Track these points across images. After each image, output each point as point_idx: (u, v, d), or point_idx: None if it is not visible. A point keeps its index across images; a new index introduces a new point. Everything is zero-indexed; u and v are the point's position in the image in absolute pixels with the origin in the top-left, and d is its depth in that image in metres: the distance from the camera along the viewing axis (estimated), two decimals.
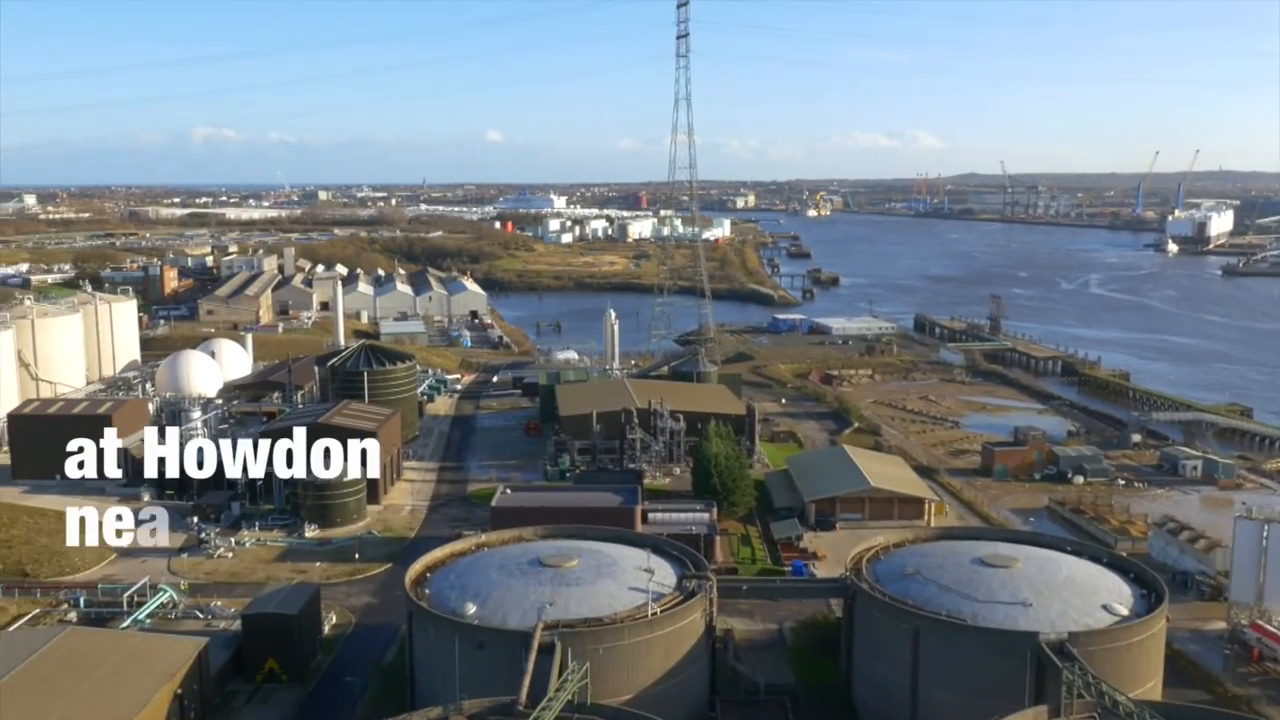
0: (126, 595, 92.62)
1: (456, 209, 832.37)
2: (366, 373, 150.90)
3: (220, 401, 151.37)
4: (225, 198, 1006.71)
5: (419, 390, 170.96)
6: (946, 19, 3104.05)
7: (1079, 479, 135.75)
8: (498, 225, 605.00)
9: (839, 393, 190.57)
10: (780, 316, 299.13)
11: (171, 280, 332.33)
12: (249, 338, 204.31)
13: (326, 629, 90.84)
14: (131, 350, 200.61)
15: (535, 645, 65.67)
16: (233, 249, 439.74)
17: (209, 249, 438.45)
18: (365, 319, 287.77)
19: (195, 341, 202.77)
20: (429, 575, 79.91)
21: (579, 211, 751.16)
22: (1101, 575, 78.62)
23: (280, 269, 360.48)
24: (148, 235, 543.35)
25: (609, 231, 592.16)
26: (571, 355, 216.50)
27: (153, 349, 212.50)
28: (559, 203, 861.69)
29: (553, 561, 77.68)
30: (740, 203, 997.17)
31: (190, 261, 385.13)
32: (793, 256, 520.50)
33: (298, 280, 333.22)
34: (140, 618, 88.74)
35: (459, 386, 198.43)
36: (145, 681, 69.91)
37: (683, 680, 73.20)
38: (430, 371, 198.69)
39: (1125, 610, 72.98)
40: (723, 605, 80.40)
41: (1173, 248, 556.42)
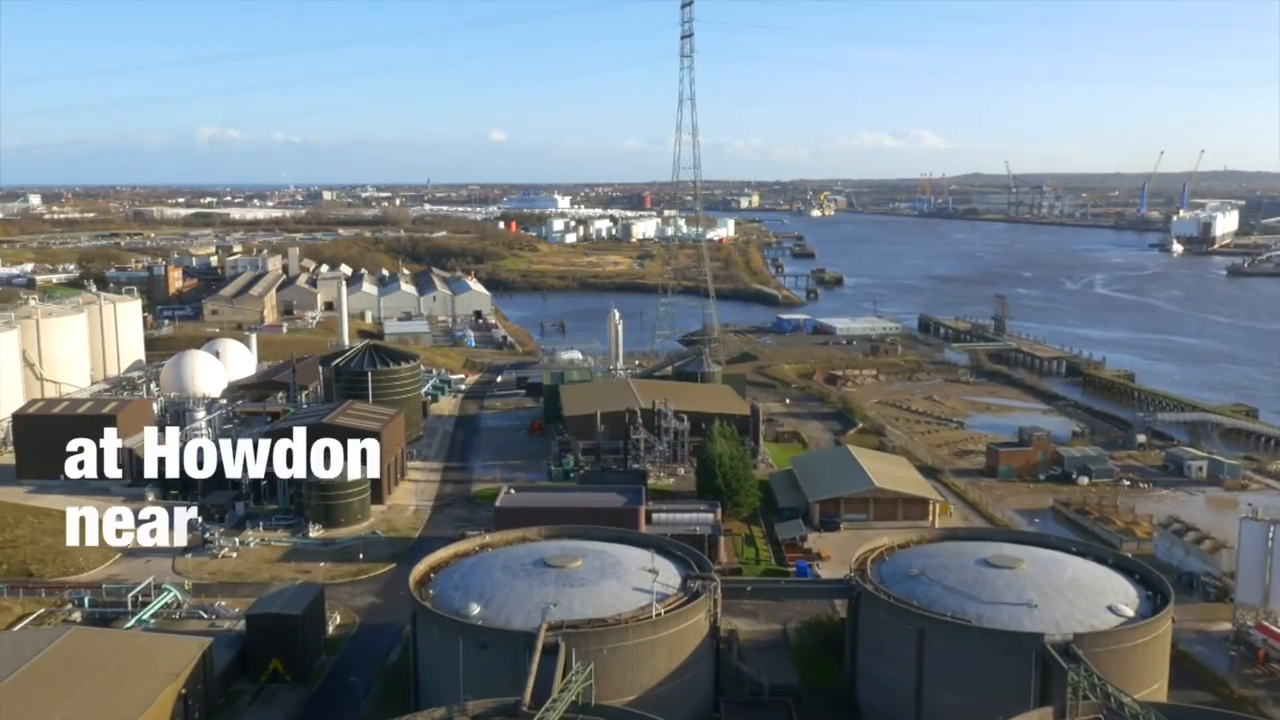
0: (131, 595, 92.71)
1: (461, 209, 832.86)
2: (371, 373, 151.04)
3: (225, 401, 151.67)
4: (230, 198, 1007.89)
5: (423, 390, 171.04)
6: (951, 19, 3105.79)
7: (1084, 480, 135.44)
8: (502, 225, 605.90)
9: (843, 393, 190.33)
10: (784, 316, 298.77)
11: (176, 280, 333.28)
12: (253, 338, 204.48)
13: (331, 629, 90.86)
14: (136, 350, 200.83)
15: (539, 646, 65.61)
16: (237, 249, 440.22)
17: (214, 249, 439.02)
18: (369, 319, 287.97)
19: (200, 341, 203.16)
20: (433, 575, 79.89)
21: (583, 211, 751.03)
22: (1107, 576, 78.43)
23: (285, 269, 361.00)
24: (152, 235, 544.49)
25: (613, 231, 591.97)
26: (575, 355, 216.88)
27: (157, 349, 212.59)
28: (563, 203, 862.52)
29: (557, 562, 77.64)
30: (744, 203, 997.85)
31: (195, 261, 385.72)
32: (797, 256, 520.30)
33: (302, 280, 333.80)
34: (144, 618, 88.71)
35: (463, 386, 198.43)
36: (149, 681, 69.95)
37: (687, 681, 73.11)
38: (434, 372, 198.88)
39: (1131, 611, 72.79)
40: (727, 606, 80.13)
41: (1177, 248, 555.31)
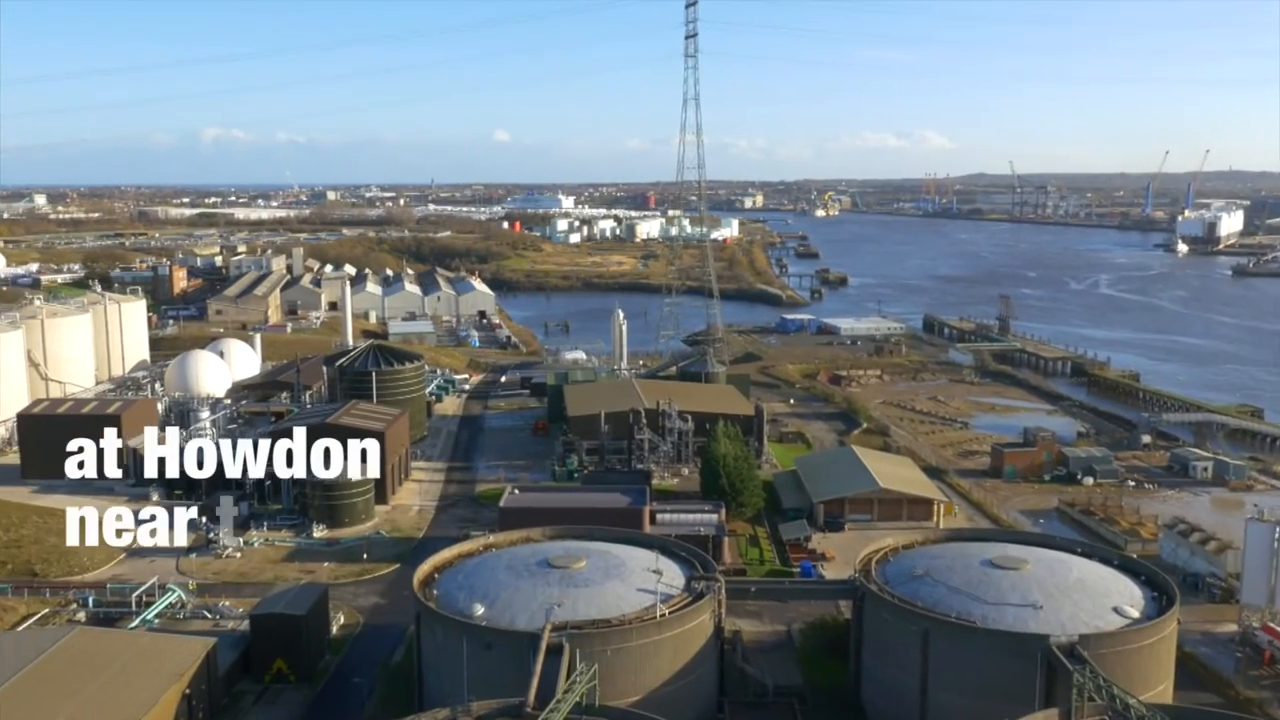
0: (135, 595, 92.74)
1: (465, 209, 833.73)
2: (375, 373, 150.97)
3: (229, 401, 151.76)
4: (234, 198, 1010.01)
5: (427, 390, 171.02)
6: (956, 19, 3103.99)
7: (1089, 480, 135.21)
8: (506, 225, 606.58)
9: (847, 393, 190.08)
10: (788, 317, 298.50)
11: (180, 280, 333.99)
12: (257, 338, 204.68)
13: (334, 629, 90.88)
14: (140, 350, 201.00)
15: (543, 646, 65.54)
16: (241, 249, 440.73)
17: (218, 249, 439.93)
18: (373, 319, 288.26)
19: (204, 341, 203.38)
20: (437, 576, 79.83)
21: (587, 211, 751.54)
22: (1112, 577, 78.22)
23: (289, 269, 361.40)
24: (157, 235, 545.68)
25: (617, 231, 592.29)
26: (579, 355, 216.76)
27: (162, 349, 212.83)
28: (567, 203, 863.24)
29: (561, 562, 77.56)
30: (748, 203, 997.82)
31: (199, 261, 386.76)
32: (801, 256, 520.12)
33: (306, 280, 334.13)
34: (149, 618, 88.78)
35: (467, 386, 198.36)
36: (154, 681, 69.97)
37: (691, 682, 72.98)
38: (438, 371, 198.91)
39: (1136, 613, 72.59)
40: (731, 607, 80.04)
41: (1182, 248, 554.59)
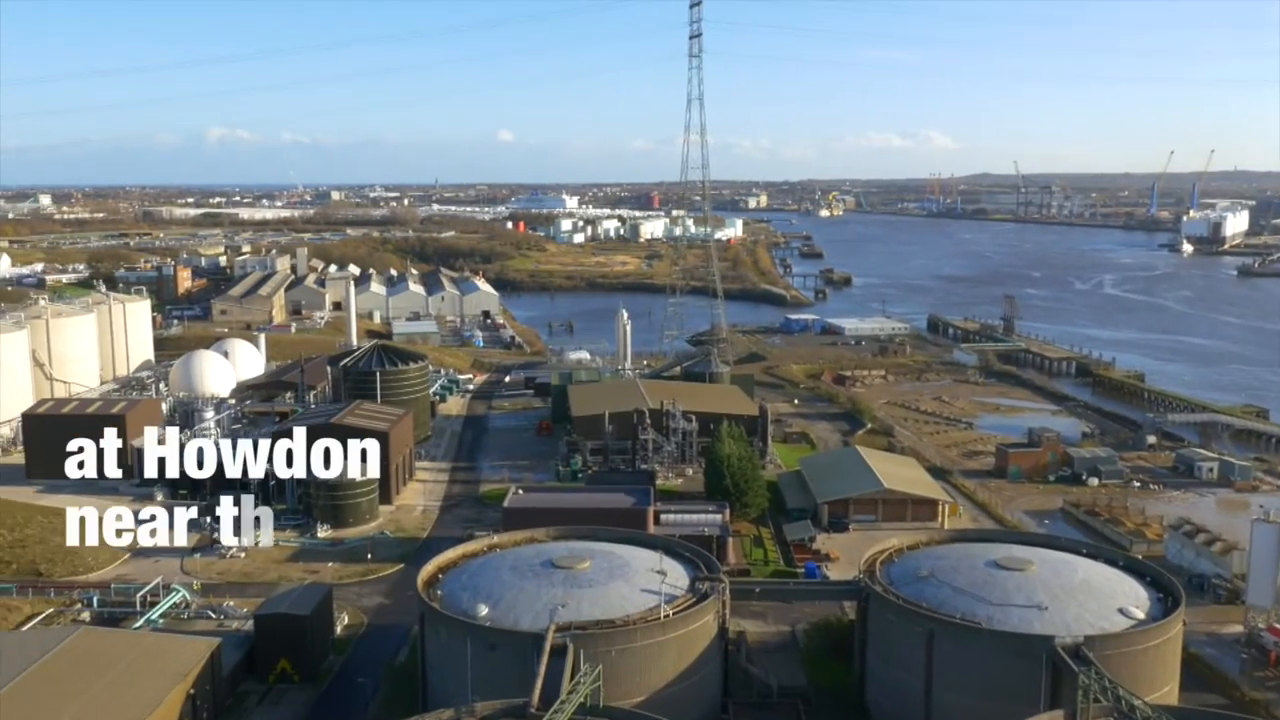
0: (139, 595, 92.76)
1: (469, 209, 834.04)
2: (379, 373, 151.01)
3: (233, 401, 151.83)
4: (239, 198, 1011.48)
5: (431, 390, 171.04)
6: (960, 19, 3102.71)
7: (1094, 481, 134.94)
8: (510, 225, 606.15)
9: (852, 393, 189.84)
10: (793, 317, 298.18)
11: (185, 280, 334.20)
12: (262, 338, 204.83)
13: (339, 629, 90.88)
14: (145, 350, 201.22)
15: (547, 647, 65.49)
16: (246, 249, 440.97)
17: (222, 249, 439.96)
18: (378, 319, 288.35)
19: (209, 341, 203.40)
20: (441, 576, 79.81)
21: (591, 211, 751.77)
22: (1117, 578, 78.01)
23: (293, 269, 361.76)
24: (162, 235, 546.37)
25: (621, 231, 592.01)
26: (584, 355, 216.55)
27: (166, 349, 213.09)
28: (571, 203, 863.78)
29: (565, 563, 77.50)
30: (753, 203, 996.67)
31: (204, 261, 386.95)
32: (805, 256, 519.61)
33: (310, 280, 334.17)
34: (153, 617, 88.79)
35: (471, 387, 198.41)
36: (158, 681, 70.01)
37: (695, 682, 72.88)
38: (442, 371, 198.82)
39: (1141, 614, 72.41)
40: (735, 607, 79.94)
41: (1187, 248, 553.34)
